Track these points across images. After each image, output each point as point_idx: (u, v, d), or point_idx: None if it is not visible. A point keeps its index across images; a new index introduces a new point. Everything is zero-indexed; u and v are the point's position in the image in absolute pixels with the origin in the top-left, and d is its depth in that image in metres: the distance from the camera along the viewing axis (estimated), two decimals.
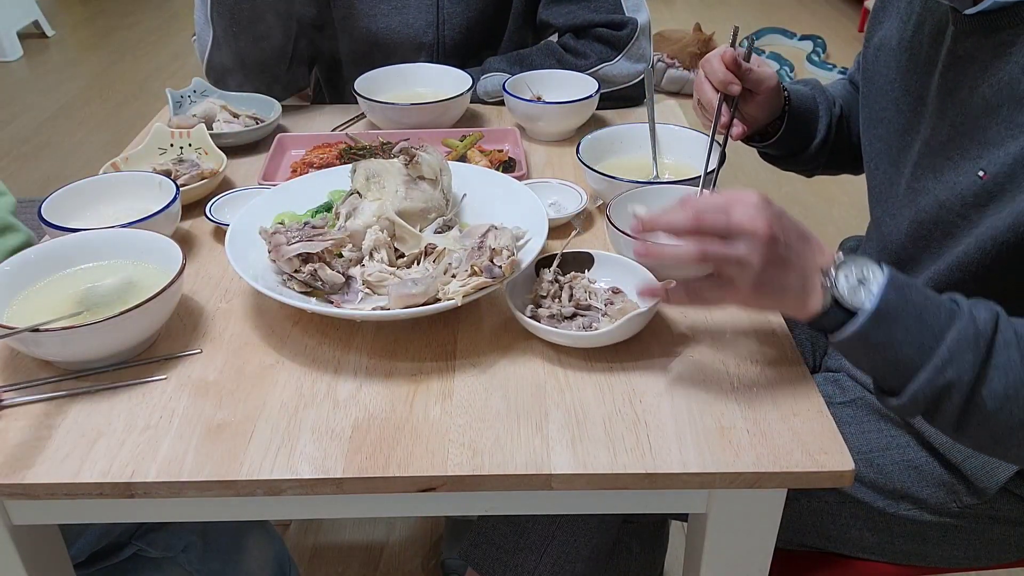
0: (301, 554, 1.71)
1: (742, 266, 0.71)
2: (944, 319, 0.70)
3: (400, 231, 0.95)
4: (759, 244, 0.70)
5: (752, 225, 0.70)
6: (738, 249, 0.71)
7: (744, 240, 0.71)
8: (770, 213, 0.71)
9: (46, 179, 3.20)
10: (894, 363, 0.72)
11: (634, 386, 0.82)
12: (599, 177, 1.06)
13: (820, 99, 1.13)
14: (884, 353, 0.72)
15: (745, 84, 1.03)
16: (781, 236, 0.71)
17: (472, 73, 1.42)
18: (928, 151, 0.89)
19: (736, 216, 0.71)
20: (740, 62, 1.02)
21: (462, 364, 0.85)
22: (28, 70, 4.41)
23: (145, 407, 0.80)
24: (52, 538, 0.87)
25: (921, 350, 0.70)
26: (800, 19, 4.78)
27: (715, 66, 1.02)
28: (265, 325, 0.91)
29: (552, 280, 0.92)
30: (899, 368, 0.72)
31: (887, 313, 0.70)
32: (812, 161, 1.15)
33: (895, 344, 0.70)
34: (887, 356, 0.72)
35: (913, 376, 0.71)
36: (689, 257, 0.73)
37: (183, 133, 1.22)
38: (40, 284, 0.90)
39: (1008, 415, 0.69)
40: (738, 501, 0.77)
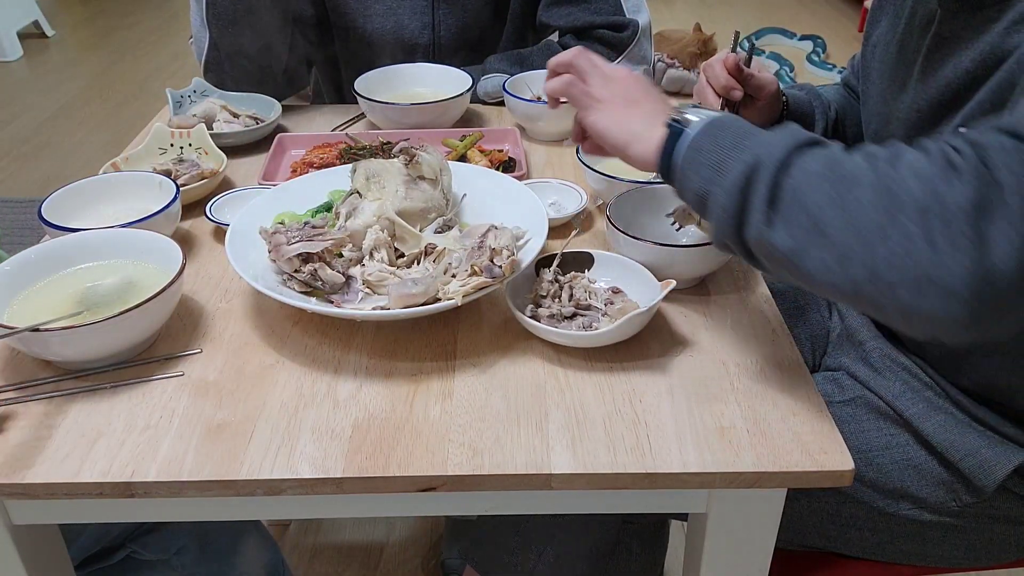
0: (301, 554, 1.71)
1: (595, 95, 0.85)
2: (765, 131, 0.72)
3: (400, 231, 0.95)
4: (607, 79, 0.85)
5: (600, 70, 0.86)
6: (594, 85, 0.86)
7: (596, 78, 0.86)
8: (628, 74, 0.86)
9: (46, 179, 3.20)
10: (714, 165, 0.72)
11: (634, 386, 0.82)
12: (599, 177, 1.06)
13: (816, 104, 1.13)
14: (708, 157, 0.73)
15: (746, 89, 1.03)
16: (630, 83, 0.85)
17: (472, 73, 1.42)
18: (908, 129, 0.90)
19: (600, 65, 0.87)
20: (742, 67, 1.02)
21: (462, 364, 0.85)
22: (28, 70, 4.41)
23: (145, 407, 0.80)
24: (52, 538, 0.87)
25: (739, 147, 0.71)
26: (800, 19, 4.79)
27: (717, 71, 1.03)
28: (265, 325, 0.91)
29: (552, 280, 0.92)
30: (717, 168, 0.72)
31: (717, 123, 0.74)
32: None
33: (717, 147, 0.72)
34: (710, 160, 0.72)
35: (725, 168, 0.71)
36: (554, 87, 0.89)
37: (183, 133, 1.22)
38: (40, 284, 0.90)
39: (821, 193, 0.65)
40: (738, 501, 0.77)
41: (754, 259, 0.71)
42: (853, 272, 0.63)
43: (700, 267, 0.94)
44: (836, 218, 0.63)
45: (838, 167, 0.65)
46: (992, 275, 0.58)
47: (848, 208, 0.63)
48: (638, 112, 0.82)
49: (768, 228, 0.67)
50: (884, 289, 0.62)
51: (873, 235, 0.62)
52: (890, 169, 0.63)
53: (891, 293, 0.62)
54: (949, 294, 0.59)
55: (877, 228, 0.61)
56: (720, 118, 0.75)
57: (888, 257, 0.61)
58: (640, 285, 0.91)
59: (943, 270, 0.59)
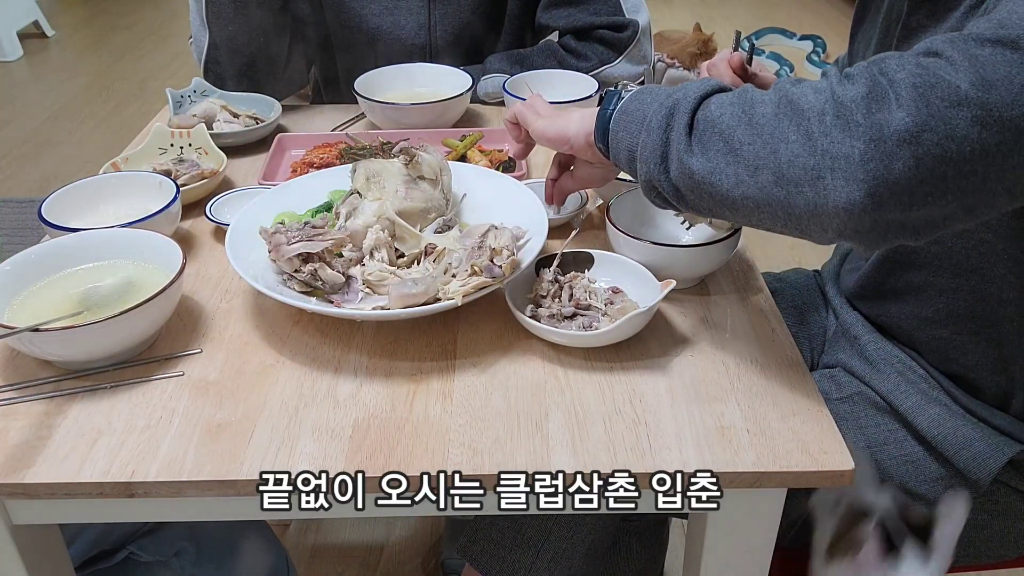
0: (301, 554, 1.71)
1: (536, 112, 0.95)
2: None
3: (400, 231, 0.95)
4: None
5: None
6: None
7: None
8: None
9: (46, 179, 3.20)
10: (640, 120, 0.77)
11: (634, 386, 0.82)
12: None
13: None
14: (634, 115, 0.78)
15: None
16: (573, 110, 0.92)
17: (472, 73, 1.42)
18: None
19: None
20: (746, 67, 1.02)
21: (462, 364, 0.85)
22: (28, 70, 4.41)
23: (145, 407, 0.80)
24: (52, 538, 0.87)
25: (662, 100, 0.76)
26: (800, 19, 4.79)
27: (721, 71, 1.03)
28: (265, 325, 0.91)
29: (552, 280, 0.92)
30: (646, 121, 0.76)
31: (646, 90, 0.80)
32: None
33: (643, 105, 0.78)
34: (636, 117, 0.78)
35: (648, 115, 0.76)
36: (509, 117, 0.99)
37: (183, 133, 1.22)
38: (40, 284, 0.90)
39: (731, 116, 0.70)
40: (738, 501, 0.77)
41: (681, 196, 0.75)
42: (762, 179, 0.67)
43: (700, 267, 0.94)
44: (744, 134, 0.69)
45: (748, 95, 0.71)
46: (885, 155, 0.62)
47: (754, 123, 0.68)
48: (575, 114, 0.90)
49: (688, 155, 0.72)
50: (792, 190, 0.66)
51: (776, 142, 0.67)
52: (792, 87, 0.70)
53: (798, 192, 0.66)
54: (848, 178, 0.63)
55: (779, 135, 0.67)
56: (648, 87, 0.81)
57: (790, 158, 0.66)
58: (640, 285, 0.91)
59: (840, 159, 0.63)
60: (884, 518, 0.84)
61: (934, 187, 0.63)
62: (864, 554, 0.79)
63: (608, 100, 0.83)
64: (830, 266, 1.22)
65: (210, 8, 1.33)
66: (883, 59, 0.66)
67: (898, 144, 0.61)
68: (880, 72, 0.65)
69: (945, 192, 0.63)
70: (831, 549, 0.84)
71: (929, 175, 0.62)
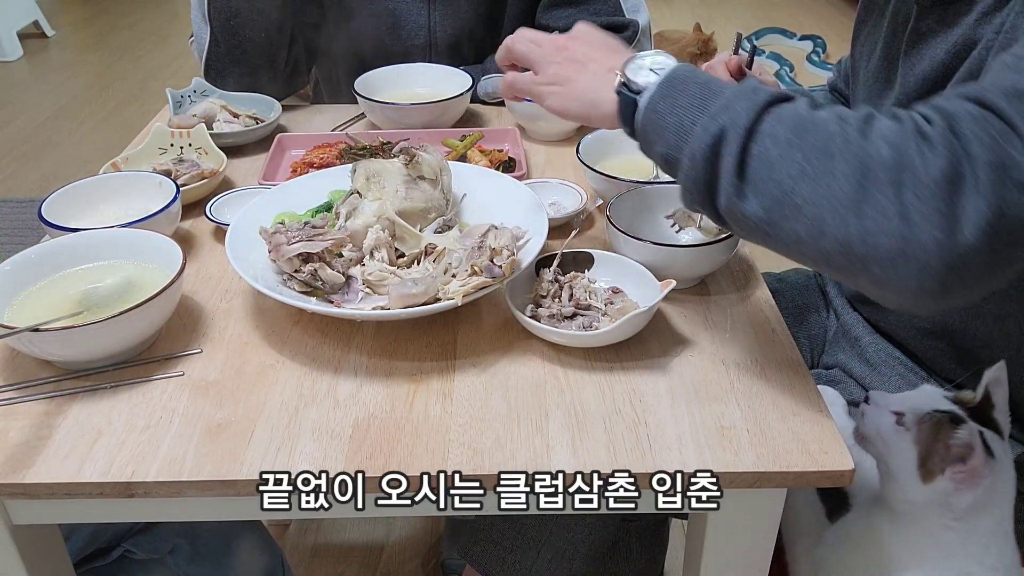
0: (301, 554, 1.71)
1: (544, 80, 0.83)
2: (725, 86, 0.70)
3: (400, 231, 0.95)
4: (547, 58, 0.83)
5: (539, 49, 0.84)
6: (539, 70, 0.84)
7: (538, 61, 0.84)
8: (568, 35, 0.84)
9: (46, 179, 3.20)
10: (678, 130, 0.70)
11: (634, 386, 0.82)
12: (599, 177, 1.06)
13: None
14: (669, 121, 0.71)
15: None
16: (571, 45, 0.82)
17: (472, 72, 1.42)
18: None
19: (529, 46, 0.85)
20: (745, 70, 1.02)
21: (462, 364, 0.85)
22: (28, 70, 4.41)
23: (145, 407, 0.80)
24: (52, 538, 0.87)
25: (701, 109, 0.69)
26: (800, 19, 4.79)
27: (720, 73, 1.02)
28: (265, 325, 0.91)
29: (552, 280, 0.92)
30: (681, 134, 0.70)
31: (673, 82, 0.72)
32: None
33: (678, 109, 0.70)
34: (671, 124, 0.71)
35: (689, 134, 0.69)
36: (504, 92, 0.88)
37: (183, 133, 1.22)
38: (40, 284, 0.90)
39: (791, 162, 0.64)
40: (738, 501, 0.77)
41: (726, 224, 0.71)
42: (825, 245, 0.63)
43: (700, 267, 0.94)
44: (808, 190, 0.63)
45: (808, 134, 0.64)
46: (963, 248, 0.59)
47: (820, 180, 0.62)
48: (584, 80, 0.80)
49: (739, 199, 0.66)
50: (857, 262, 0.62)
51: (846, 209, 0.61)
52: (862, 139, 0.63)
53: (864, 266, 0.62)
54: (922, 268, 0.60)
55: (850, 202, 0.61)
56: (672, 76, 0.73)
57: (861, 232, 0.61)
58: (640, 285, 0.91)
59: (916, 245, 0.59)
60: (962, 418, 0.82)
61: (1004, 270, 0.62)
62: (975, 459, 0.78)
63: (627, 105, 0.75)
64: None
65: (212, 5, 1.33)
66: (954, 117, 0.62)
67: (978, 237, 0.59)
68: (955, 136, 0.61)
69: (1011, 268, 0.62)
70: (924, 468, 0.82)
71: (1001, 262, 0.61)
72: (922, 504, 0.82)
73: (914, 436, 0.82)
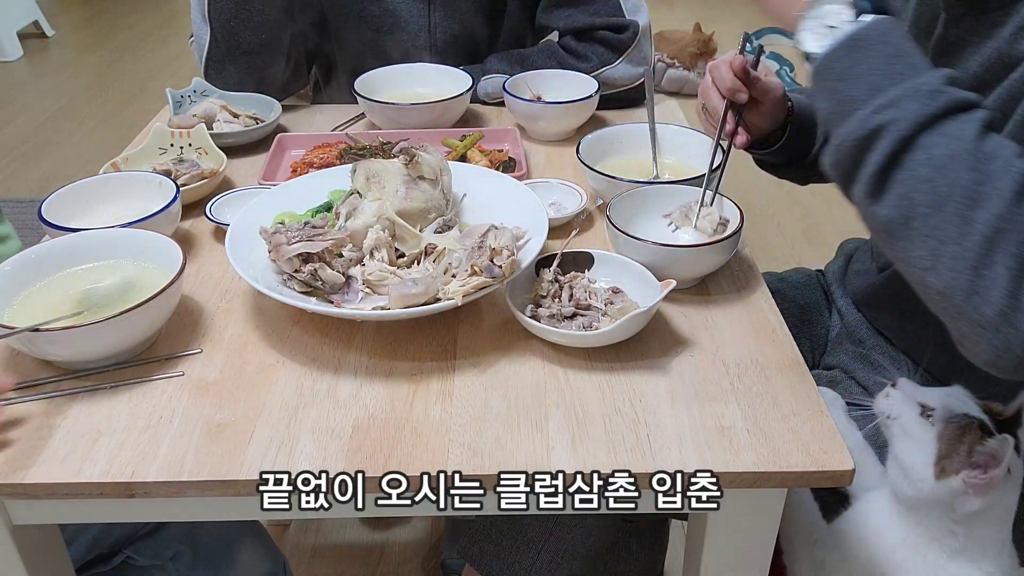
0: (301, 554, 1.71)
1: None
2: (913, 70, 0.67)
3: (400, 231, 0.95)
4: None
5: None
6: None
7: None
8: None
9: (46, 179, 3.20)
10: (846, 99, 0.68)
11: (634, 386, 0.82)
12: (599, 177, 1.06)
13: None
14: (840, 85, 0.69)
15: (752, 92, 1.01)
16: None
17: (472, 73, 1.42)
18: None
19: None
20: (749, 70, 1.01)
21: (462, 364, 0.85)
22: (28, 70, 4.41)
23: (145, 407, 0.80)
24: (52, 538, 0.87)
25: (871, 89, 0.67)
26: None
27: (723, 73, 1.01)
28: (265, 325, 0.91)
29: (552, 280, 0.92)
30: (846, 105, 0.68)
31: (857, 42, 0.69)
32: (809, 169, 1.14)
33: (853, 76, 0.68)
34: (841, 90, 0.69)
35: (852, 113, 0.67)
36: None
37: (183, 133, 1.22)
38: (40, 284, 0.90)
39: (933, 186, 0.62)
40: (738, 501, 0.77)
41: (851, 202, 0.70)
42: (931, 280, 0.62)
43: (700, 267, 0.94)
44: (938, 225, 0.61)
45: (963, 168, 0.62)
46: None
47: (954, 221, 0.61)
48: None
49: (871, 198, 0.66)
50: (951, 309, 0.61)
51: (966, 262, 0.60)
52: (1015, 202, 0.60)
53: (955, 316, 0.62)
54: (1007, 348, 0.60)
55: (974, 257, 0.60)
56: (860, 34, 0.68)
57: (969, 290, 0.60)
58: (640, 285, 0.91)
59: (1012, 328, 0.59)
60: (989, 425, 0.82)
61: None
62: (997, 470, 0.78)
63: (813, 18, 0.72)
64: (835, 267, 1.21)
65: (212, 5, 1.33)
66: None
67: None
68: None
69: None
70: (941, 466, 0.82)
71: None
72: (927, 500, 0.82)
73: (938, 432, 0.81)
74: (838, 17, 0.71)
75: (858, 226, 0.76)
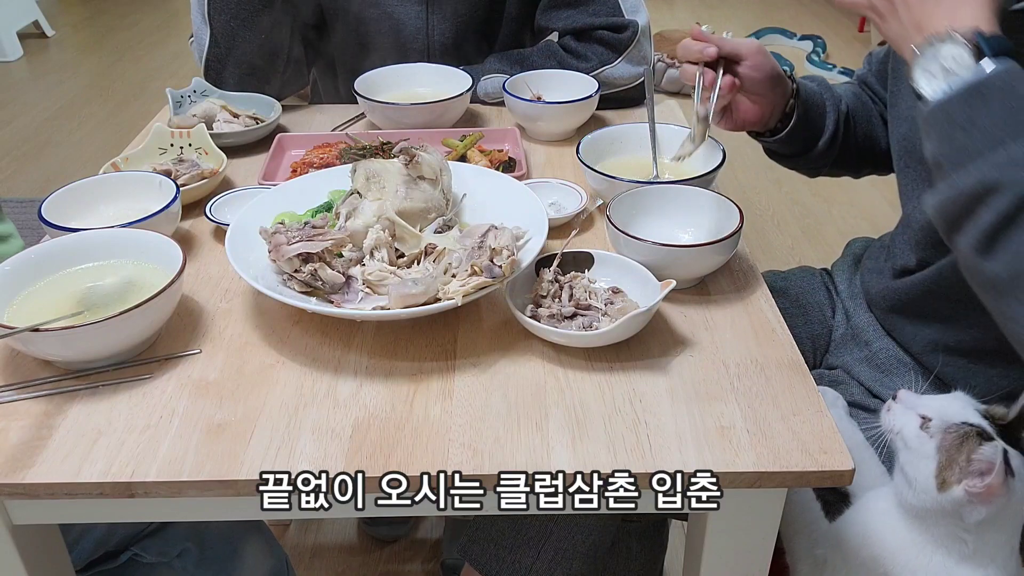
0: (301, 554, 1.71)
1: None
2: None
3: (400, 231, 0.95)
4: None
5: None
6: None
7: None
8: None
9: (46, 179, 3.20)
10: (961, 148, 0.66)
11: (634, 386, 0.82)
12: (599, 177, 1.06)
13: (827, 95, 1.12)
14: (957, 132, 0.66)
15: (722, 52, 0.98)
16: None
17: (472, 73, 1.42)
18: None
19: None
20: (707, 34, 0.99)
21: (462, 364, 0.85)
22: (28, 70, 4.41)
23: (145, 407, 0.80)
24: (52, 538, 0.87)
25: (991, 141, 0.64)
26: (800, 19, 4.79)
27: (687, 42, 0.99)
28: (265, 325, 0.91)
29: (552, 280, 0.92)
30: (961, 154, 0.66)
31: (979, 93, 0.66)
32: (820, 159, 1.13)
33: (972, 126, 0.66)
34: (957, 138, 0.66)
35: (968, 163, 0.65)
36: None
37: (183, 133, 1.22)
38: (40, 284, 0.90)
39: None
40: (738, 501, 0.77)
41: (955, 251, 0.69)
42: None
43: (700, 267, 0.94)
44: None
45: None
46: None
47: None
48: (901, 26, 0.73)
49: (979, 253, 0.65)
50: None
51: None
52: None
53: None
54: None
55: None
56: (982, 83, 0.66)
57: None
58: (640, 285, 0.91)
59: None
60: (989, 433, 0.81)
61: None
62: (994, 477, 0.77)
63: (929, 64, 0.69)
64: (843, 266, 1.21)
65: (212, 6, 1.33)
66: None
67: None
68: None
69: None
70: (942, 477, 0.81)
71: None
72: (933, 511, 0.82)
73: (937, 443, 0.81)
74: (956, 61, 0.68)
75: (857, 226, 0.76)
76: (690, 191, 1.01)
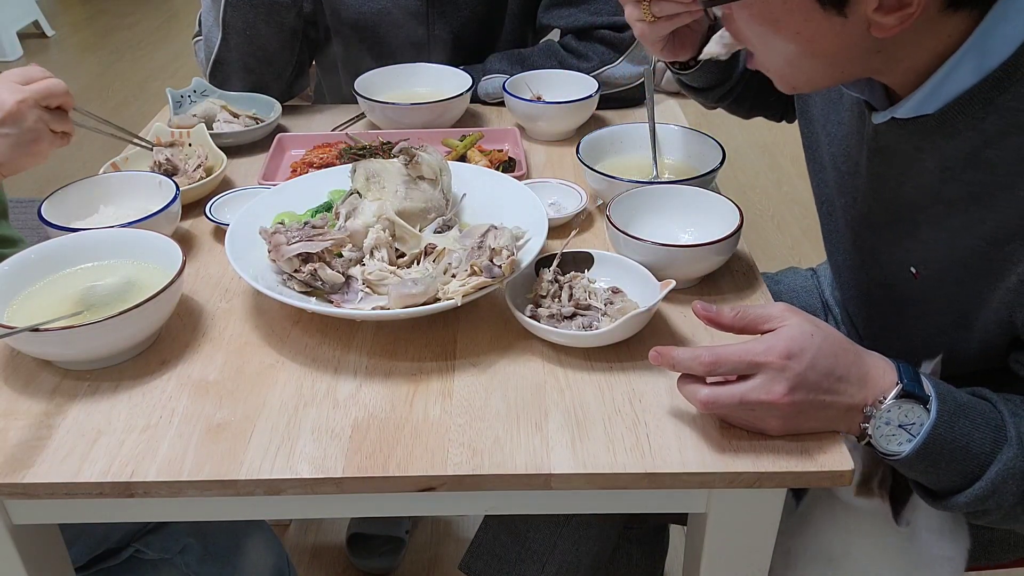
0: (301, 554, 1.71)
1: (763, 408, 0.71)
2: (990, 447, 0.72)
3: (400, 231, 0.95)
4: (778, 403, 0.70)
5: (770, 391, 0.70)
6: (756, 395, 0.70)
7: (762, 389, 0.70)
8: (796, 368, 0.69)
9: (46, 179, 3.19)
10: (943, 482, 0.75)
11: (634, 386, 0.82)
12: (599, 177, 1.06)
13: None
14: (926, 478, 0.76)
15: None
16: (805, 390, 0.70)
17: (472, 73, 1.42)
18: (867, 227, 0.92)
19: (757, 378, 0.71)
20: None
21: (462, 364, 0.85)
22: None
23: (145, 407, 0.80)
24: (52, 538, 0.87)
25: (965, 477, 0.73)
26: None
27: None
28: (265, 325, 0.91)
29: (552, 280, 0.92)
30: (944, 486, 0.75)
31: (928, 453, 0.72)
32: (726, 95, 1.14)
33: (938, 474, 0.74)
34: (930, 479, 0.76)
35: (955, 495, 0.74)
36: (702, 404, 0.72)
37: (183, 133, 1.22)
38: (40, 284, 0.90)
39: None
40: (738, 501, 0.77)
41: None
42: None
43: (700, 267, 0.94)
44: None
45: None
46: None
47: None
48: (816, 423, 0.74)
49: (968, 516, 0.76)
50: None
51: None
52: None
53: None
54: None
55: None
56: (931, 441, 0.71)
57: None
58: (640, 285, 0.91)
59: None
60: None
61: None
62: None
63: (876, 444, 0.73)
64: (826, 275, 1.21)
65: (228, 14, 1.33)
66: None
67: None
68: None
69: None
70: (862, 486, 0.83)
71: None
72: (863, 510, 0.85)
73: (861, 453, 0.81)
74: (908, 415, 0.72)
75: None
76: (690, 191, 1.01)
